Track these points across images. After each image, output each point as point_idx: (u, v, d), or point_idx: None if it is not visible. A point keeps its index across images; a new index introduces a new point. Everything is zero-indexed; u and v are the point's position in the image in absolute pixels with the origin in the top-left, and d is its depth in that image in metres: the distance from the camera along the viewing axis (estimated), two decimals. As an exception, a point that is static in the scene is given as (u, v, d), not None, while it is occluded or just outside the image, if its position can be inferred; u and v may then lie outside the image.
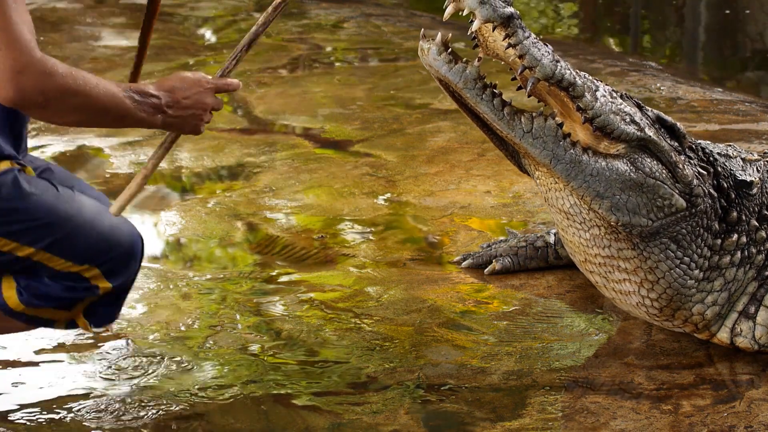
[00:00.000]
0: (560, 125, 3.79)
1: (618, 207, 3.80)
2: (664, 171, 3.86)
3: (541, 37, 3.98)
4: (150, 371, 4.00)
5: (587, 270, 4.06)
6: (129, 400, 3.80)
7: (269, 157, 6.42)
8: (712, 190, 3.94)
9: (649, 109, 3.97)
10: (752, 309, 4.00)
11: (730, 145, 4.19)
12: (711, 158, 4.00)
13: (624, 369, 3.97)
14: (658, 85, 7.91)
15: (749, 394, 3.79)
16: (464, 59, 3.74)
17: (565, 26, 11.02)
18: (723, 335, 4.02)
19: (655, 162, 3.85)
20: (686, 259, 3.91)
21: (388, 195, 5.79)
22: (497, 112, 3.74)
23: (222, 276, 4.83)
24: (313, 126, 7.11)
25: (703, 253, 3.93)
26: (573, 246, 4.01)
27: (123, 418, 3.69)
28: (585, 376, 3.93)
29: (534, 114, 3.78)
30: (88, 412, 3.73)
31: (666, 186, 3.85)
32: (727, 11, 11.07)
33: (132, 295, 4.07)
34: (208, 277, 4.82)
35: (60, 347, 4.16)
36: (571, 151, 3.78)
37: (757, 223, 4.01)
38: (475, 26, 3.65)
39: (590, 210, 3.83)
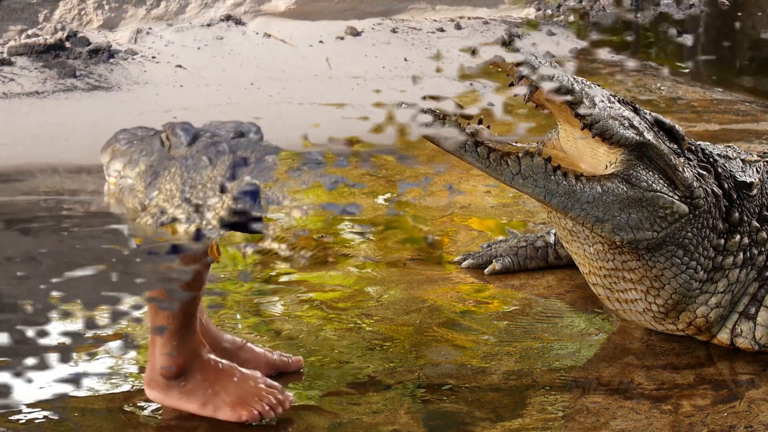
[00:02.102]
0: (548, 160, 3.78)
1: (620, 227, 3.79)
2: (660, 180, 3.85)
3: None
4: (150, 371, 3.99)
5: (591, 282, 4.06)
6: (129, 399, 3.80)
7: (269, 157, 6.42)
8: (715, 188, 3.93)
9: (647, 112, 3.96)
10: (753, 310, 4.00)
11: (729, 146, 4.19)
12: (711, 159, 4.00)
13: (624, 369, 3.97)
14: (658, 85, 7.91)
15: (749, 394, 3.79)
16: (442, 115, 3.75)
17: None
18: (723, 336, 4.03)
19: (650, 173, 3.84)
20: (692, 263, 3.91)
21: (388, 195, 5.79)
22: (483, 160, 3.75)
23: (222, 276, 4.82)
24: (313, 126, 7.11)
25: (708, 254, 3.93)
26: (578, 258, 4.02)
27: (123, 418, 3.69)
28: (585, 376, 3.93)
29: (520, 155, 3.77)
30: (88, 412, 3.73)
31: (665, 195, 3.84)
32: (740, 13, 11.07)
33: (132, 296, 4.06)
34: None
35: (60, 347, 4.15)
36: (564, 183, 3.77)
37: (758, 224, 4.01)
38: None
39: (593, 232, 3.83)
